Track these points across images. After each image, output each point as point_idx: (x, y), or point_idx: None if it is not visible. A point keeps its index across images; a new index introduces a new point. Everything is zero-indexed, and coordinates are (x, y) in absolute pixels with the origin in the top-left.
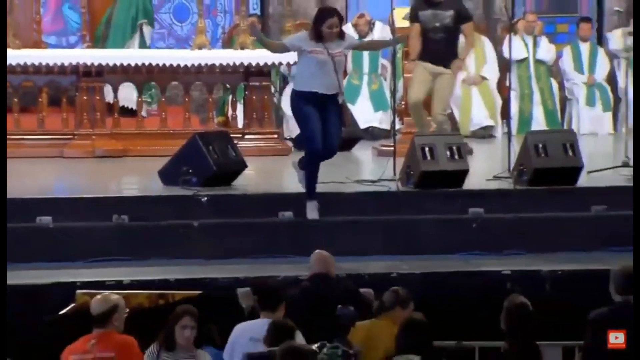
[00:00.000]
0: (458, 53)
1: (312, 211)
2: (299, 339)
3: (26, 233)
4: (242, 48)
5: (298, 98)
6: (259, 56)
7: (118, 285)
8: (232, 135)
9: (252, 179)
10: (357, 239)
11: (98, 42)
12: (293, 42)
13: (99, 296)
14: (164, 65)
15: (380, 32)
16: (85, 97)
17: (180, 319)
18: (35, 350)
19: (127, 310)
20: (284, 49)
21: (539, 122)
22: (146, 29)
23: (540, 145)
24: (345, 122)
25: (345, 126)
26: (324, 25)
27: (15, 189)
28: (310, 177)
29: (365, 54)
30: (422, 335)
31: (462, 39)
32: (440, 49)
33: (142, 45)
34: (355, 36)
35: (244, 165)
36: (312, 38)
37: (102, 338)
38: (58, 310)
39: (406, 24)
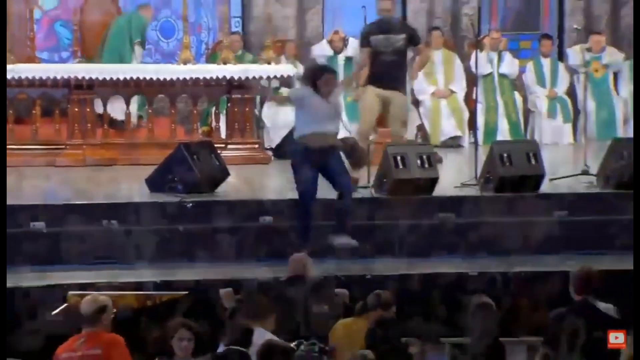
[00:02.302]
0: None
1: None
2: (256, 339)
3: (21, 238)
4: (224, 63)
5: (299, 153)
6: (241, 70)
7: (108, 286)
8: (215, 145)
9: (235, 186)
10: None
11: (93, 60)
12: (295, 93)
13: (88, 297)
14: (151, 79)
15: (354, 47)
16: (76, 109)
17: (177, 331)
18: (31, 350)
19: (115, 310)
20: (287, 101)
21: (503, 133)
22: (138, 50)
23: (505, 155)
24: (360, 161)
25: (360, 166)
26: (321, 80)
27: (11, 196)
28: (303, 230)
29: (341, 68)
30: (390, 332)
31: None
32: (392, 72)
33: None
34: (331, 52)
35: (226, 174)
36: (311, 88)
37: (91, 336)
38: (51, 310)
39: None
